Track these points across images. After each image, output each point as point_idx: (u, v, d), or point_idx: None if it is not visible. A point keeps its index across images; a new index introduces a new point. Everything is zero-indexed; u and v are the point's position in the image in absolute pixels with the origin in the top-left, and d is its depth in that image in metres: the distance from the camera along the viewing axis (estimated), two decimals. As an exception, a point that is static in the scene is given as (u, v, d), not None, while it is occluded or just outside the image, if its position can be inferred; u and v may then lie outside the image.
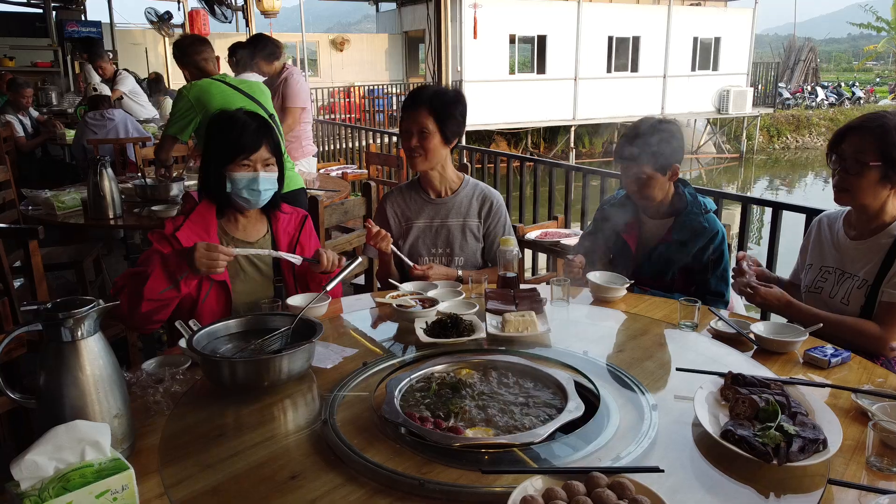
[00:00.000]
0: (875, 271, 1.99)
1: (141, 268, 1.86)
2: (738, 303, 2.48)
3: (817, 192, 17.90)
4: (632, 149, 2.36)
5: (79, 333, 1.22)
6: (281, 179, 2.16)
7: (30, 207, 3.65)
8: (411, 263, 2.43)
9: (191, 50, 3.55)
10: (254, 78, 4.62)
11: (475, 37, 16.25)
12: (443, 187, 2.60)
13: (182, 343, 1.69)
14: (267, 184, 2.08)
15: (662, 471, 1.16)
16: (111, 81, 7.52)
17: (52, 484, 1.03)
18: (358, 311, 2.13)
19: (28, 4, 13.41)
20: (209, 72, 3.58)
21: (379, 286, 2.99)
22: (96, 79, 8.17)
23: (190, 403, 1.51)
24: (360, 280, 3.38)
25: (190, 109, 3.43)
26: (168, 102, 7.76)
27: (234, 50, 4.79)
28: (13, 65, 11.57)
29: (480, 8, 16.26)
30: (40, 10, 12.79)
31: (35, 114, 7.04)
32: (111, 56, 7.66)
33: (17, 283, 3.10)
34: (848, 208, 2.12)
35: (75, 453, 1.08)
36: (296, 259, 2.06)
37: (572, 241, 3.21)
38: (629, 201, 2.53)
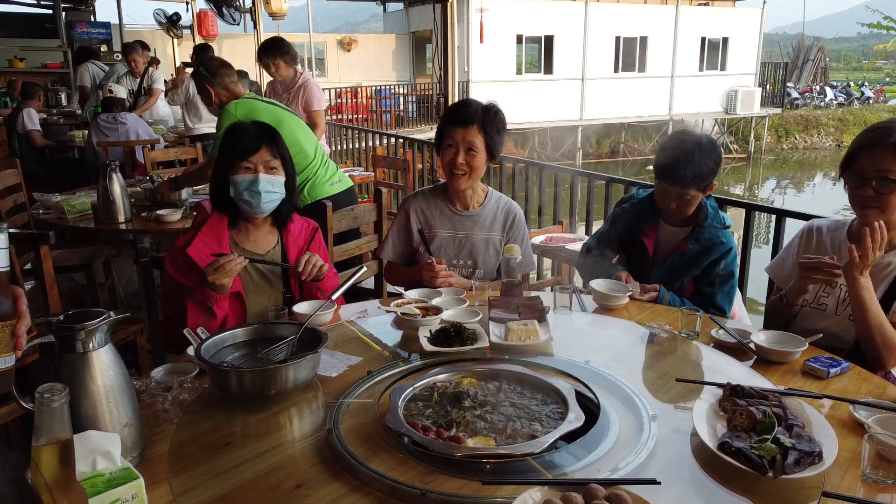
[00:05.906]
0: (884, 291, 1.94)
1: (171, 301, 2.08)
2: (740, 312, 2.49)
3: (826, 192, 17.84)
4: (680, 172, 2.25)
5: (90, 345, 1.26)
6: (290, 188, 2.17)
7: (41, 211, 3.70)
8: (434, 260, 2.38)
9: (221, 72, 3.58)
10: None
11: (481, 41, 16.29)
12: (472, 201, 2.57)
13: (190, 351, 1.72)
14: (269, 186, 2.08)
15: (659, 483, 1.18)
16: (142, 78, 7.55)
17: (64, 493, 1.06)
18: (363, 319, 2.15)
19: (38, 6, 13.51)
20: (238, 93, 3.61)
21: (388, 290, 3.01)
22: (117, 76, 8.19)
23: (198, 412, 1.54)
24: (370, 284, 3.40)
25: None
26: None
27: (263, 53, 4.90)
28: (24, 66, 11.67)
29: (487, 12, 16.27)
30: (50, 12, 12.88)
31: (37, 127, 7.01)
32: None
33: (27, 286, 3.14)
34: (846, 221, 2.12)
35: (87, 463, 1.11)
36: (291, 266, 2.14)
37: (578, 247, 3.18)
38: (650, 205, 2.46)
